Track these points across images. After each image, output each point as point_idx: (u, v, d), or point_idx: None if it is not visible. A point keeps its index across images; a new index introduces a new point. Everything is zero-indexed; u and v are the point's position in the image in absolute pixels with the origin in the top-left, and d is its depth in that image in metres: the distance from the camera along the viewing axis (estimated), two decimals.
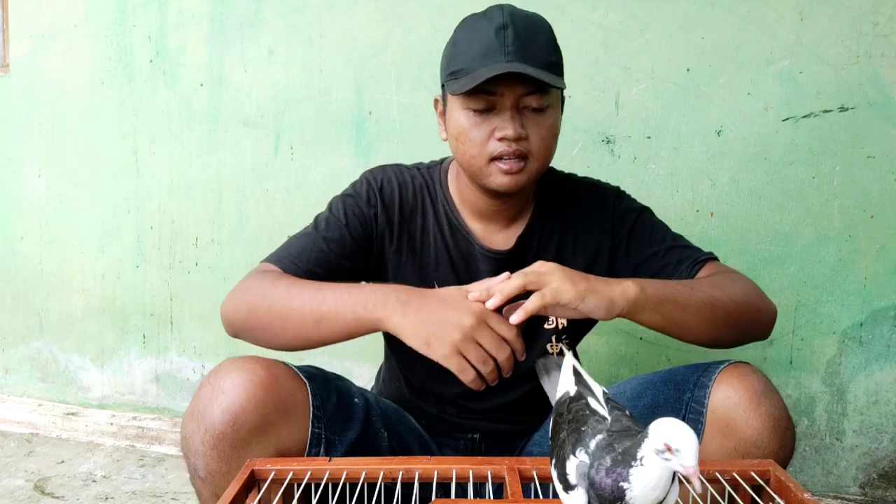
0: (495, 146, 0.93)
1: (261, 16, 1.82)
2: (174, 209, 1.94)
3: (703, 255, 1.04)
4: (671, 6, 1.56)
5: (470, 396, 1.07)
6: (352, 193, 1.06)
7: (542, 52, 0.92)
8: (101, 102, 1.96)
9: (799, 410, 1.61)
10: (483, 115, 0.94)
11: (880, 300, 1.56)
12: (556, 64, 0.95)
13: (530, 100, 0.93)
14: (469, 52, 0.93)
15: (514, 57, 0.90)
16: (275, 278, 0.94)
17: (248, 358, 0.88)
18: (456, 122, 0.96)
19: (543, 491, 0.78)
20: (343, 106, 1.78)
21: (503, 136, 0.92)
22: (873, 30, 1.49)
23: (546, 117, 0.95)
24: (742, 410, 0.84)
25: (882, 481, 1.60)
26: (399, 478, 0.77)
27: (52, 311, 2.09)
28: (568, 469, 0.61)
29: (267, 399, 0.83)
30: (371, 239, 1.05)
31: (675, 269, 1.03)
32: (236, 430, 0.81)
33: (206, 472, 0.83)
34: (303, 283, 0.93)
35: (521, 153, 0.94)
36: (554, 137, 0.97)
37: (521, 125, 0.93)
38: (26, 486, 1.69)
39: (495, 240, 1.06)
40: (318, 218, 1.05)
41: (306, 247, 1.01)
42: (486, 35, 0.92)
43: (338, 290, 0.89)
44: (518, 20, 0.93)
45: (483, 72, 0.89)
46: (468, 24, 0.97)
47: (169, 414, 2.01)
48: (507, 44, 0.91)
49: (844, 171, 1.53)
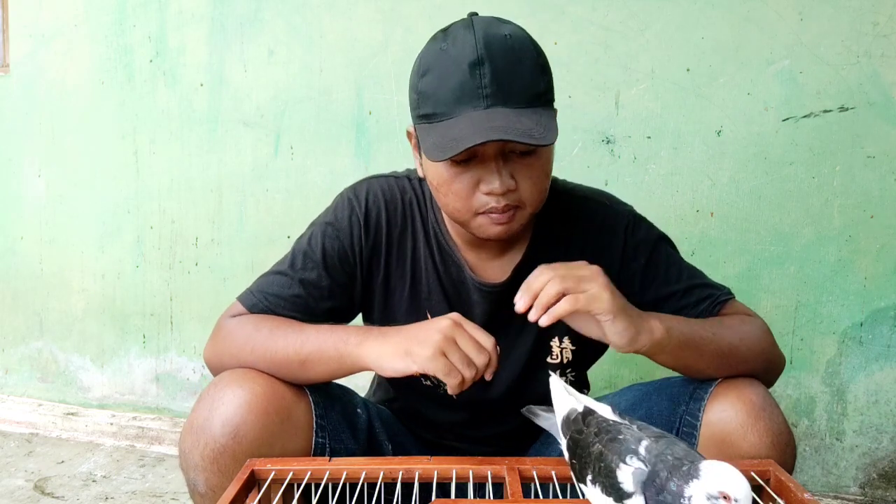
0: (482, 200, 0.84)
1: (261, 16, 1.81)
2: (174, 209, 1.94)
3: (722, 294, 0.97)
4: (671, 6, 1.56)
5: (466, 425, 1.05)
6: (332, 222, 0.97)
7: (526, 86, 0.81)
8: (101, 102, 1.96)
9: (799, 410, 1.61)
10: (464, 167, 0.83)
11: (880, 300, 1.56)
12: (543, 93, 0.83)
13: (517, 146, 0.81)
14: (440, 93, 0.82)
15: (494, 100, 0.79)
16: (255, 322, 0.91)
17: (248, 369, 0.86)
18: (434, 172, 0.86)
19: (543, 491, 0.78)
20: (343, 106, 1.78)
21: (490, 190, 0.83)
22: (873, 30, 1.49)
23: (537, 158, 0.84)
24: (738, 426, 0.80)
25: (882, 481, 1.60)
26: (399, 478, 0.77)
27: (52, 311, 2.09)
28: (621, 478, 0.59)
29: (269, 410, 0.82)
30: (353, 275, 0.97)
31: (695, 308, 0.95)
32: (237, 442, 0.79)
33: (207, 488, 0.81)
34: (285, 325, 0.89)
35: (511, 206, 0.84)
36: (548, 176, 0.88)
37: (509, 176, 0.83)
38: (26, 486, 1.69)
39: (489, 270, 0.97)
40: (296, 252, 0.97)
41: (283, 290, 0.94)
42: (458, 71, 0.80)
43: (320, 331, 0.87)
44: (495, 50, 0.80)
45: (462, 135, 0.78)
46: (438, 54, 0.84)
47: (169, 414, 2.01)
48: (485, 84, 0.79)
49: (844, 171, 1.53)
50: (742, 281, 1.60)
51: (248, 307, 0.95)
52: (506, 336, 0.96)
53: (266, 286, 0.96)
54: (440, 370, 0.78)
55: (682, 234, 1.61)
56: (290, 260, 0.97)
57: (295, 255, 0.97)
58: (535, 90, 0.83)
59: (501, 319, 0.96)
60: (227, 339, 0.92)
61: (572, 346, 1.01)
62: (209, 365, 0.94)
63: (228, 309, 0.97)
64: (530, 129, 0.79)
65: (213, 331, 0.95)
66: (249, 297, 0.96)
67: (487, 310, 0.98)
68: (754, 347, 0.89)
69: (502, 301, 0.94)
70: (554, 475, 0.76)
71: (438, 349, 0.78)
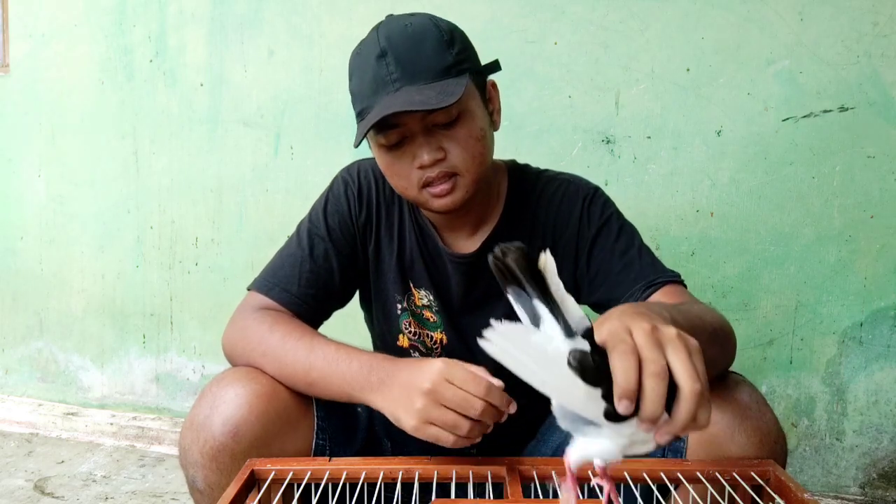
0: (418, 174, 0.90)
1: (261, 16, 1.82)
2: (174, 209, 1.94)
3: (660, 276, 0.95)
4: (671, 6, 1.56)
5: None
6: (330, 198, 1.04)
7: (430, 63, 0.87)
8: (101, 102, 1.96)
9: (799, 410, 1.61)
10: (399, 149, 0.91)
11: (880, 300, 1.56)
12: (452, 66, 0.88)
13: (437, 117, 0.88)
14: (361, 88, 0.91)
15: (402, 82, 0.86)
16: (271, 323, 0.91)
17: (250, 368, 0.87)
18: (379, 160, 0.95)
19: (543, 491, 0.78)
20: (343, 106, 1.78)
21: (420, 164, 0.89)
22: (873, 30, 1.49)
23: (461, 126, 0.89)
24: (726, 427, 0.78)
25: (882, 481, 1.60)
26: (399, 478, 0.77)
27: (52, 311, 2.10)
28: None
29: (269, 410, 0.82)
30: (354, 245, 1.03)
31: (629, 287, 0.96)
32: (237, 441, 0.80)
33: (205, 485, 0.82)
34: (296, 335, 0.89)
35: (447, 173, 0.90)
36: (479, 140, 0.91)
37: (436, 148, 0.89)
38: (26, 486, 1.69)
39: (461, 242, 1.03)
40: (301, 231, 1.03)
41: (294, 269, 0.99)
42: (369, 66, 0.89)
43: (327, 357, 0.86)
44: (395, 39, 0.88)
45: (371, 116, 0.86)
46: (355, 56, 0.93)
47: (169, 414, 2.01)
48: (391, 70, 0.87)
49: (844, 171, 1.53)
50: (742, 281, 1.60)
51: (265, 293, 0.97)
52: (483, 310, 1.01)
53: (278, 269, 0.99)
54: (429, 438, 0.76)
55: (682, 234, 1.61)
56: (295, 241, 1.02)
57: (300, 235, 1.02)
58: (441, 65, 0.88)
59: (478, 293, 1.02)
60: (244, 333, 0.92)
61: None
62: (225, 351, 0.95)
63: (245, 300, 0.98)
64: (429, 98, 0.84)
65: (231, 321, 0.96)
66: (264, 283, 0.98)
67: (461, 281, 1.02)
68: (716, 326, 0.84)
69: (473, 272, 1.01)
70: (554, 475, 0.76)
71: (422, 419, 0.76)
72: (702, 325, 0.75)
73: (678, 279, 0.96)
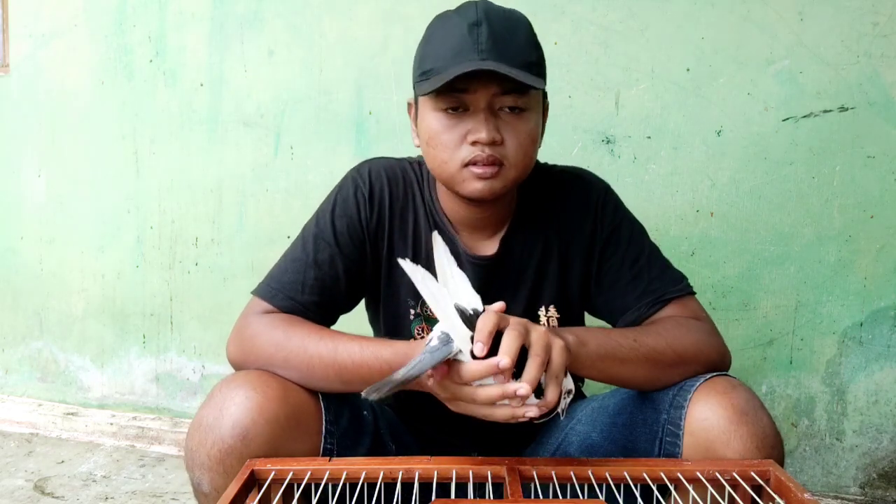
0: (468, 150, 0.88)
1: (261, 16, 1.82)
2: (174, 209, 1.94)
3: (669, 292, 0.96)
4: (671, 6, 1.56)
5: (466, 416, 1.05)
6: (338, 201, 1.00)
7: (519, 51, 0.87)
8: (101, 102, 1.96)
9: (799, 410, 1.61)
10: (455, 117, 0.88)
11: (880, 300, 1.56)
12: (535, 64, 0.89)
13: (506, 99, 0.87)
14: (440, 51, 0.88)
15: (489, 55, 0.85)
16: (286, 328, 0.90)
17: (260, 371, 0.86)
18: (427, 125, 0.91)
19: (543, 491, 0.78)
20: (343, 106, 1.78)
21: (476, 139, 0.87)
22: (873, 30, 1.49)
23: (524, 120, 0.89)
24: (721, 432, 0.78)
25: (882, 481, 1.60)
26: (399, 478, 0.77)
27: (52, 311, 2.09)
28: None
29: (279, 414, 0.81)
30: (363, 250, 1.00)
31: (636, 301, 0.96)
32: (245, 444, 0.79)
33: (211, 488, 0.81)
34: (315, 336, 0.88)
35: (496, 159, 0.88)
36: (533, 143, 0.91)
37: (495, 128, 0.87)
38: (26, 486, 1.69)
39: (479, 243, 1.02)
40: (306, 235, 0.99)
41: (298, 276, 0.95)
42: (458, 32, 0.87)
43: (353, 351, 0.86)
44: (493, 16, 0.87)
45: (453, 70, 0.84)
46: (440, 22, 0.92)
47: (169, 414, 2.01)
48: (481, 41, 0.85)
49: (844, 171, 1.53)
50: (742, 281, 1.60)
51: (268, 299, 0.94)
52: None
53: (282, 274, 0.96)
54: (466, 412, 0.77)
55: (682, 234, 1.61)
56: (300, 245, 0.98)
57: (305, 239, 0.99)
58: (528, 58, 0.88)
59: (493, 292, 0.99)
60: (255, 340, 0.90)
61: (557, 315, 1.04)
62: (234, 364, 0.92)
63: (249, 305, 0.96)
64: (517, 74, 0.84)
65: (237, 328, 0.93)
66: (267, 289, 0.96)
67: (479, 283, 0.99)
68: (685, 353, 0.87)
69: (492, 274, 1.01)
70: (554, 475, 0.76)
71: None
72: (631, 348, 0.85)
73: (685, 291, 0.98)
